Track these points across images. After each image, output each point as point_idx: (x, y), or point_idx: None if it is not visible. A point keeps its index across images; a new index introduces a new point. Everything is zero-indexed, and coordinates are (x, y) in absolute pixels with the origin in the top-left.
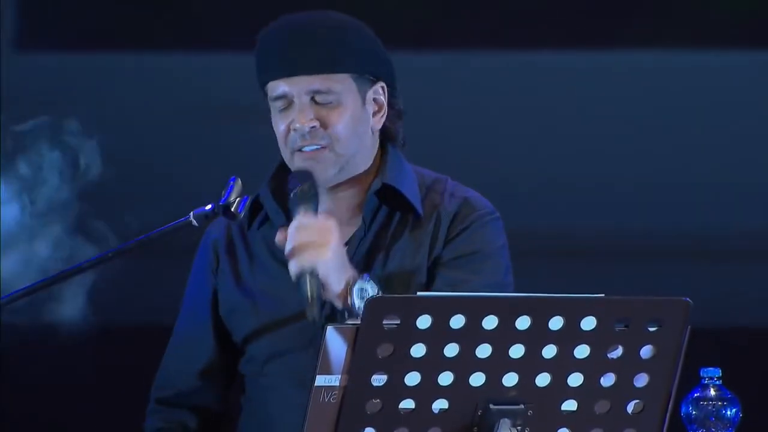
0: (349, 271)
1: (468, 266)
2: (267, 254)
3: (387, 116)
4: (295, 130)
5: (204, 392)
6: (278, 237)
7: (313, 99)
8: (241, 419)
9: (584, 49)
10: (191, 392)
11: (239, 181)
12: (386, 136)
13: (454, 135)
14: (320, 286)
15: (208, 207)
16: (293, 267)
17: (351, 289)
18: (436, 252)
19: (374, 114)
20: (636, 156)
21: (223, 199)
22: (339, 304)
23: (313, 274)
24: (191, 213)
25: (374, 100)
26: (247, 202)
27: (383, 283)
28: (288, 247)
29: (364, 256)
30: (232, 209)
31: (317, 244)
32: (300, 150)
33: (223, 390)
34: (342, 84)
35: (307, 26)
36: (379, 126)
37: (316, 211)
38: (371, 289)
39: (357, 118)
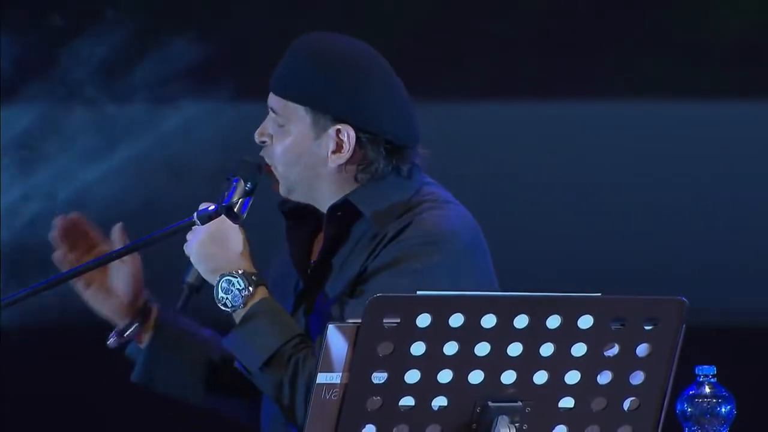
0: (222, 264)
1: (375, 284)
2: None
3: (359, 162)
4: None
5: None
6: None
7: (276, 117)
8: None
9: (596, 99)
10: None
11: (242, 182)
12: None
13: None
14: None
15: (211, 207)
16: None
17: (219, 280)
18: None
19: (333, 152)
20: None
21: (225, 200)
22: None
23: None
24: (195, 214)
25: (336, 138)
26: None
27: (340, 297)
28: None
29: (322, 269)
30: (235, 210)
31: (192, 233)
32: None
33: None
34: (293, 112)
35: (294, 49)
36: (336, 165)
37: (235, 202)
38: (237, 284)
39: (301, 149)
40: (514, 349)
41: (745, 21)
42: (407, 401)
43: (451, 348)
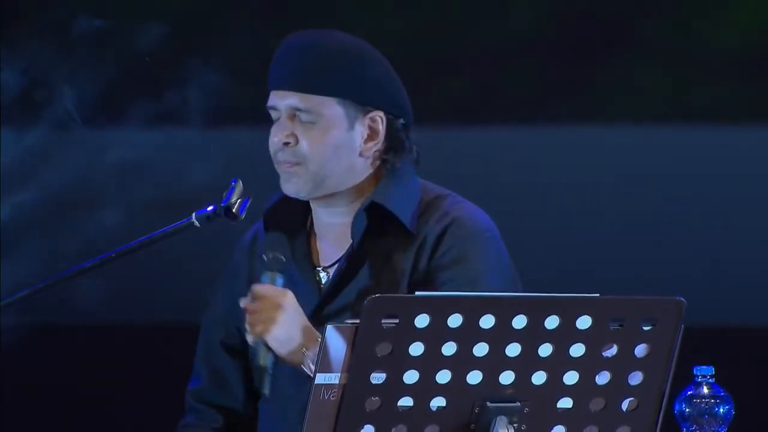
0: (302, 340)
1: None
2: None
3: (387, 146)
4: (273, 143)
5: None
6: (241, 303)
7: (295, 115)
8: (259, 422)
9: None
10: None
11: (240, 183)
12: (384, 164)
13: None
14: (272, 355)
15: (210, 208)
16: (248, 337)
17: (306, 356)
18: (420, 274)
19: (366, 140)
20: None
21: (224, 200)
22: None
23: (264, 344)
24: (193, 214)
25: (369, 126)
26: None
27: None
28: (247, 317)
29: (352, 271)
30: (234, 210)
31: (266, 319)
32: (280, 162)
33: (246, 392)
34: (323, 105)
35: (305, 44)
36: (371, 153)
37: (281, 277)
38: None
39: (337, 141)
40: (513, 350)
41: (744, 31)
42: (406, 401)
43: (449, 348)
